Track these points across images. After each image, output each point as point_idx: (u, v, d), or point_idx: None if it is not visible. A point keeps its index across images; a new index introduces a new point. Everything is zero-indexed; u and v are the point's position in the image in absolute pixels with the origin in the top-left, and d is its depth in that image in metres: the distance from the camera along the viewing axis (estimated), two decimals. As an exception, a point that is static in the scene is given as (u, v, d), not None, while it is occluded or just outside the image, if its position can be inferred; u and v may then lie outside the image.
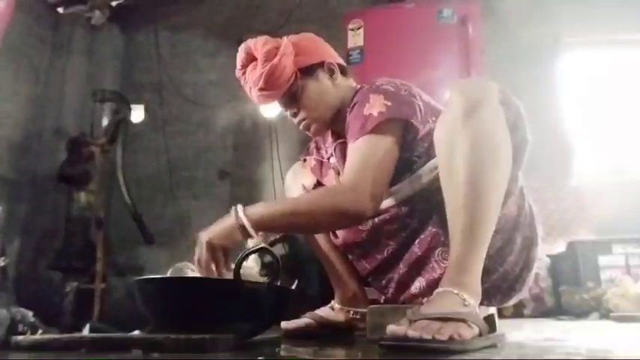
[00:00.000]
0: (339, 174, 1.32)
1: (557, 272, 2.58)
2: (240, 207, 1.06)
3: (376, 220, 1.18)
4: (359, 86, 1.27)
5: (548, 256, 2.69)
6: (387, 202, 1.17)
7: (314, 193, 1.25)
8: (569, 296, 2.37)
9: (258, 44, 1.26)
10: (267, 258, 1.25)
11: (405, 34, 2.83)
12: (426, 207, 1.13)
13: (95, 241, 3.03)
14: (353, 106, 1.18)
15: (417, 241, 1.15)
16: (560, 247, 2.69)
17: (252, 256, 1.43)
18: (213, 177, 3.74)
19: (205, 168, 3.78)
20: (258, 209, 1.07)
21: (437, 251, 1.11)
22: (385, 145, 1.10)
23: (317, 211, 1.07)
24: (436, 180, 1.03)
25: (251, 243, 1.15)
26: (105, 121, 3.26)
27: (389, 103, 1.11)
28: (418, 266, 1.14)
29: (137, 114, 3.52)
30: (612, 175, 3.23)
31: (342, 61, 1.37)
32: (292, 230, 1.16)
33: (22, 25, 3.28)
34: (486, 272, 0.94)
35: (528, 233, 1.11)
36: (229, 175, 3.73)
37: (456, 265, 0.92)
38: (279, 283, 1.07)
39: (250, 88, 1.28)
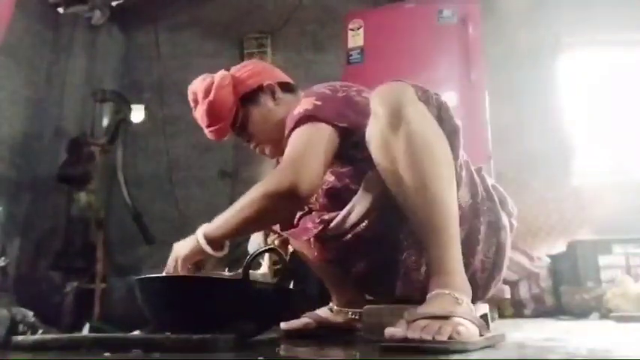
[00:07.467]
0: None
1: (557, 272, 2.58)
2: (200, 229, 1.11)
3: (342, 240, 1.16)
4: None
5: (548, 256, 2.69)
6: (349, 220, 1.14)
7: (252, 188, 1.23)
8: (569, 296, 2.37)
9: (197, 83, 1.31)
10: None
11: (405, 34, 2.83)
12: (386, 215, 1.08)
13: (95, 241, 3.03)
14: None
15: (388, 249, 1.11)
16: (560, 247, 2.69)
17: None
18: (213, 177, 3.74)
19: (205, 168, 3.77)
20: (216, 224, 1.10)
21: (409, 254, 1.06)
22: (314, 134, 1.10)
23: (256, 201, 1.06)
24: (386, 188, 1.00)
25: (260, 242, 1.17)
26: (105, 121, 3.26)
27: (319, 103, 1.13)
28: (395, 272, 1.11)
29: (137, 114, 3.53)
30: (612, 175, 3.23)
31: (286, 79, 1.38)
32: (251, 228, 1.18)
33: (22, 25, 3.27)
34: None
35: (492, 218, 1.09)
36: (229, 175, 3.73)
37: (437, 268, 0.92)
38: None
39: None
